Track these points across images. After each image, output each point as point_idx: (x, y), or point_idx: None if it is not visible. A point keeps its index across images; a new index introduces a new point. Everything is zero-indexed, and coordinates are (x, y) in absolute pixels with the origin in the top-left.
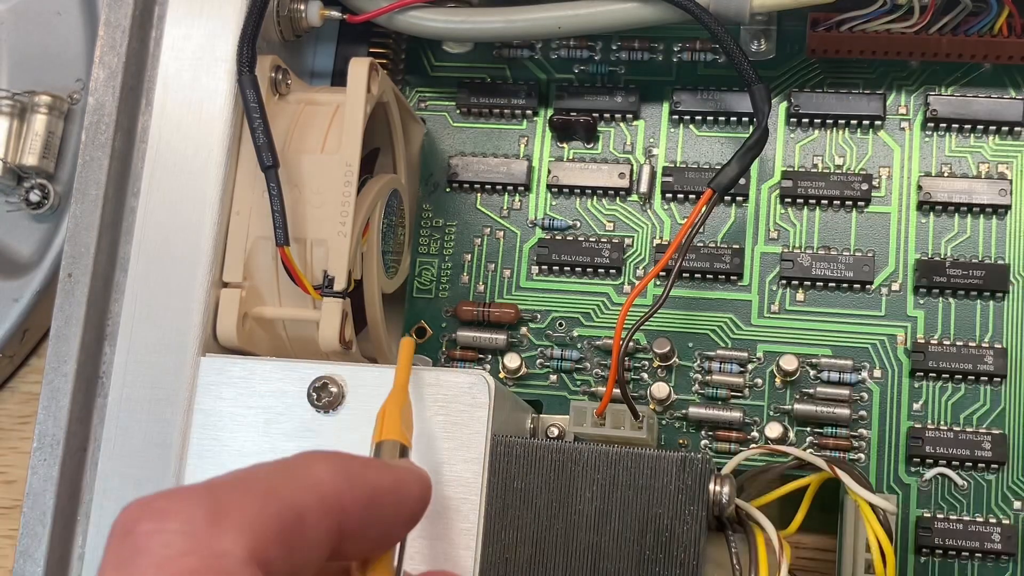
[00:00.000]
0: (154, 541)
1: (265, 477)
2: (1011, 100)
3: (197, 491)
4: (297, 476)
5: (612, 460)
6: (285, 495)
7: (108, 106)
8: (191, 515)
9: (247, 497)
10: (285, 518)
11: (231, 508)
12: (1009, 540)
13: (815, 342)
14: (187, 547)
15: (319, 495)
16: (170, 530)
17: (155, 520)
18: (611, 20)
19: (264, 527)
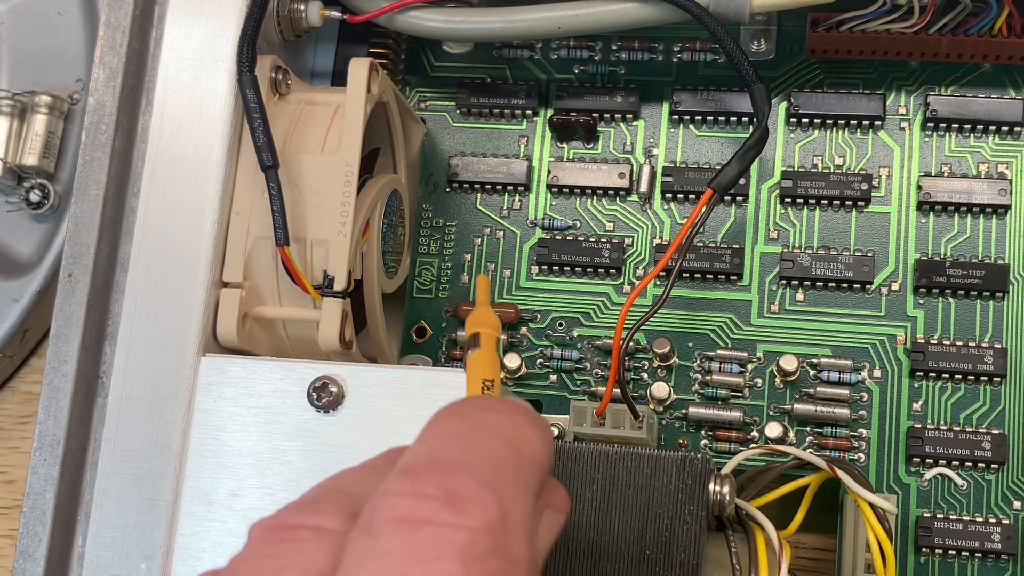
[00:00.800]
0: (457, 535)
1: (510, 461)
2: (1011, 100)
3: (481, 485)
4: (528, 455)
5: (612, 460)
6: (532, 483)
7: (108, 106)
8: (489, 517)
9: (518, 497)
10: (537, 509)
11: (512, 511)
12: (1009, 540)
13: (815, 342)
14: (492, 549)
15: (543, 471)
16: (475, 529)
17: (457, 515)
18: (611, 20)
19: (532, 528)
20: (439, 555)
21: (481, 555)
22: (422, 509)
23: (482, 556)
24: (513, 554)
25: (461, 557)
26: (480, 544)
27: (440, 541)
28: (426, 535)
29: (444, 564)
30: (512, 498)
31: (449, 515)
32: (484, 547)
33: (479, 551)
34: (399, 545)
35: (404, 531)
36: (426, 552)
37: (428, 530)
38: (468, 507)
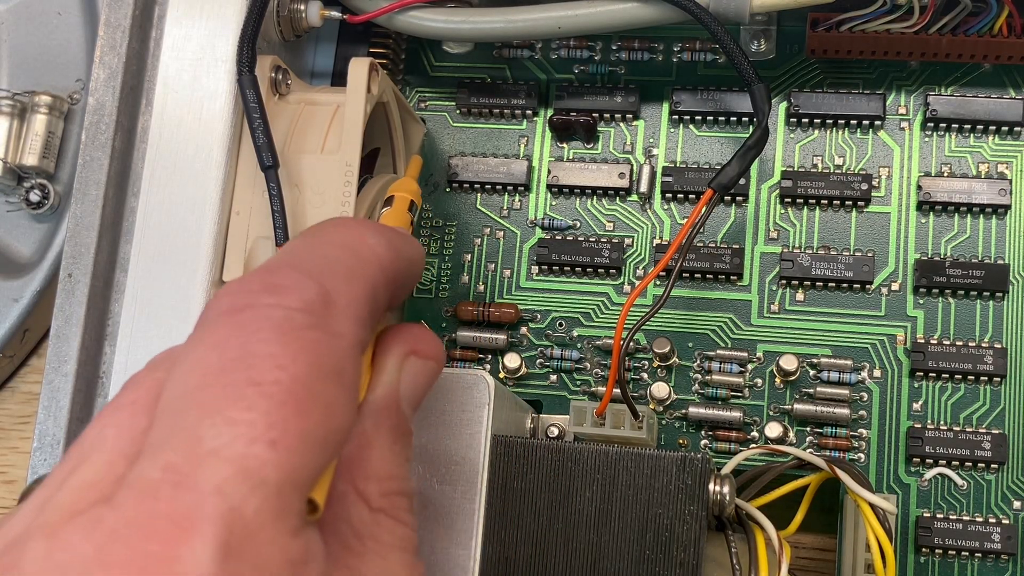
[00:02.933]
0: (275, 313)
1: (344, 261)
2: (1011, 100)
3: (303, 273)
4: (364, 255)
5: (612, 460)
6: (366, 276)
7: (108, 106)
8: (309, 297)
9: (344, 283)
10: (370, 300)
11: (336, 294)
12: (1009, 540)
13: (815, 342)
14: (311, 323)
15: (383, 271)
16: (292, 307)
17: (276, 294)
18: (611, 20)
19: (361, 313)
20: (257, 329)
21: (298, 327)
22: (244, 298)
23: (299, 328)
24: (333, 329)
25: (278, 329)
26: (297, 319)
27: (259, 318)
28: (247, 316)
29: (261, 335)
30: (338, 284)
31: (268, 298)
32: (301, 321)
33: (296, 324)
34: (223, 329)
35: (227, 318)
36: (247, 328)
37: (249, 312)
38: (286, 290)
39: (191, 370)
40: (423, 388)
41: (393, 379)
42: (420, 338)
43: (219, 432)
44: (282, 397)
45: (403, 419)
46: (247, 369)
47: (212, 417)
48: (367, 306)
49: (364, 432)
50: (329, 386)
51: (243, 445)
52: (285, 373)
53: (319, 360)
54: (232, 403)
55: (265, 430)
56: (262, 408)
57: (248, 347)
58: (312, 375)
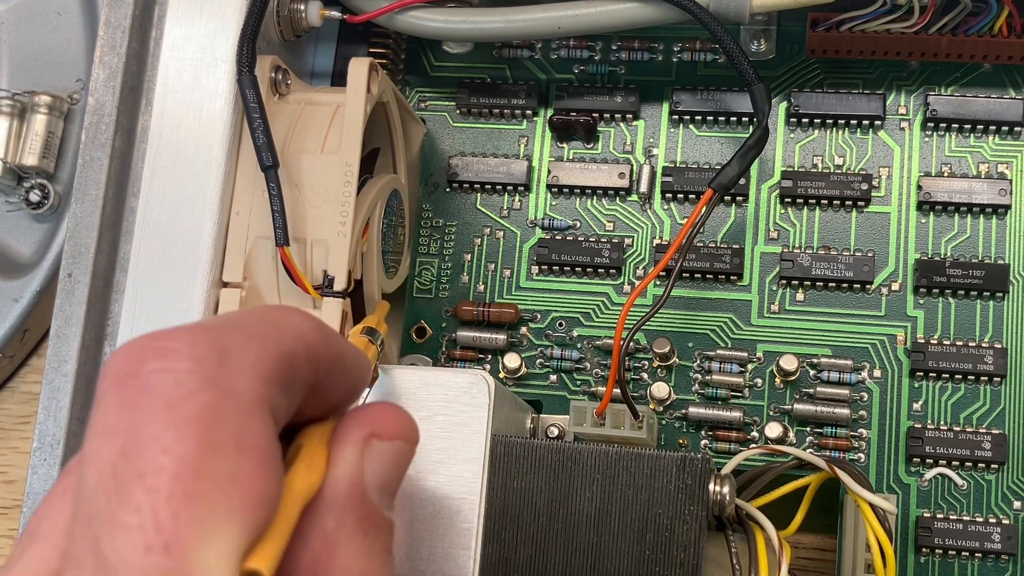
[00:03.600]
0: (163, 379)
1: (256, 323)
2: (1011, 100)
3: (200, 332)
4: (283, 325)
5: (612, 460)
6: (279, 340)
7: (108, 106)
8: (199, 355)
9: (249, 341)
10: (282, 362)
11: (236, 350)
12: (1009, 540)
13: (815, 342)
14: (200, 385)
15: (304, 343)
16: (180, 369)
17: (162, 359)
18: (611, 20)
19: (268, 370)
20: (142, 405)
21: (184, 394)
22: (131, 362)
23: (186, 394)
24: (230, 387)
25: (163, 400)
26: (184, 382)
27: (143, 390)
28: (132, 389)
29: (146, 413)
30: (240, 340)
31: (154, 363)
32: (189, 384)
33: (182, 390)
34: (113, 404)
35: (114, 392)
36: (131, 406)
37: (133, 383)
38: (174, 351)
39: (88, 466)
40: (394, 472)
41: (352, 469)
42: (381, 417)
43: (116, 545)
44: (168, 488)
45: (372, 509)
46: (135, 460)
47: (109, 525)
48: (276, 366)
49: (325, 532)
50: (225, 457)
51: (139, 556)
52: (169, 457)
53: (211, 429)
54: (123, 507)
55: (155, 534)
56: (147, 508)
57: (133, 430)
58: (201, 450)
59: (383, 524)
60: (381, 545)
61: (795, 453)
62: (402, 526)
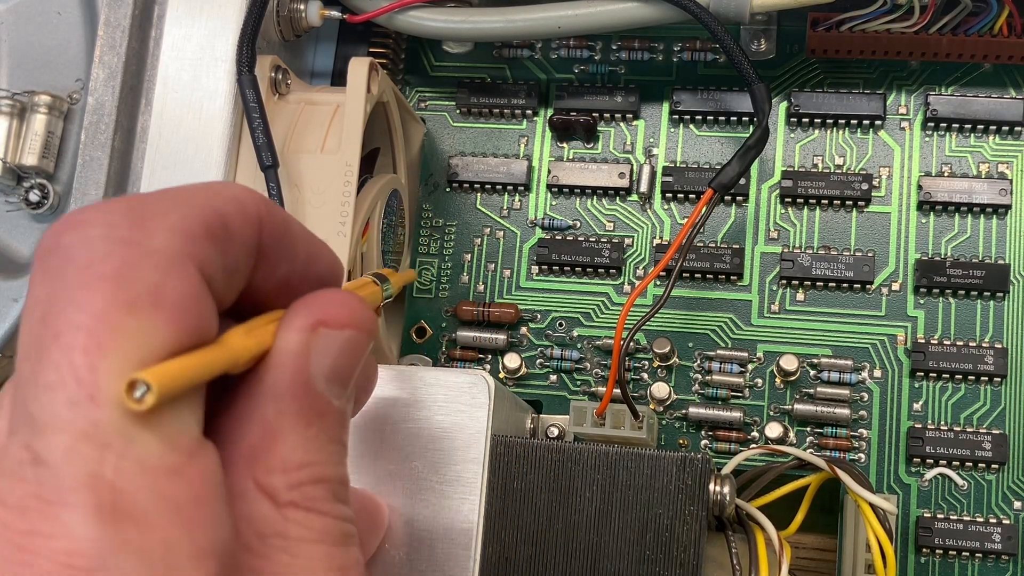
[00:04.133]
0: (77, 248)
1: (185, 188)
2: (1011, 100)
3: (117, 201)
4: (215, 188)
5: (612, 460)
6: (207, 202)
7: (108, 106)
8: (113, 220)
9: (170, 203)
10: (210, 220)
11: (155, 212)
12: (1009, 540)
13: (815, 342)
14: (113, 247)
15: (239, 206)
16: (93, 235)
17: (76, 229)
18: (611, 20)
19: (191, 227)
20: (59, 273)
21: (99, 258)
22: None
23: (100, 258)
24: (146, 246)
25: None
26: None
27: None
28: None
29: (63, 279)
30: (165, 203)
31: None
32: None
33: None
34: (36, 278)
35: (38, 265)
36: (51, 274)
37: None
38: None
39: (20, 337)
40: (346, 361)
41: (295, 356)
42: (331, 304)
43: (42, 403)
44: (83, 343)
45: (317, 398)
46: (51, 323)
47: (32, 387)
48: (201, 224)
49: (265, 420)
50: (140, 312)
51: (65, 409)
52: (83, 314)
53: (122, 285)
54: (42, 367)
55: (76, 387)
56: (65, 363)
57: (52, 297)
58: (114, 305)
59: (330, 412)
60: (328, 435)
61: (795, 453)
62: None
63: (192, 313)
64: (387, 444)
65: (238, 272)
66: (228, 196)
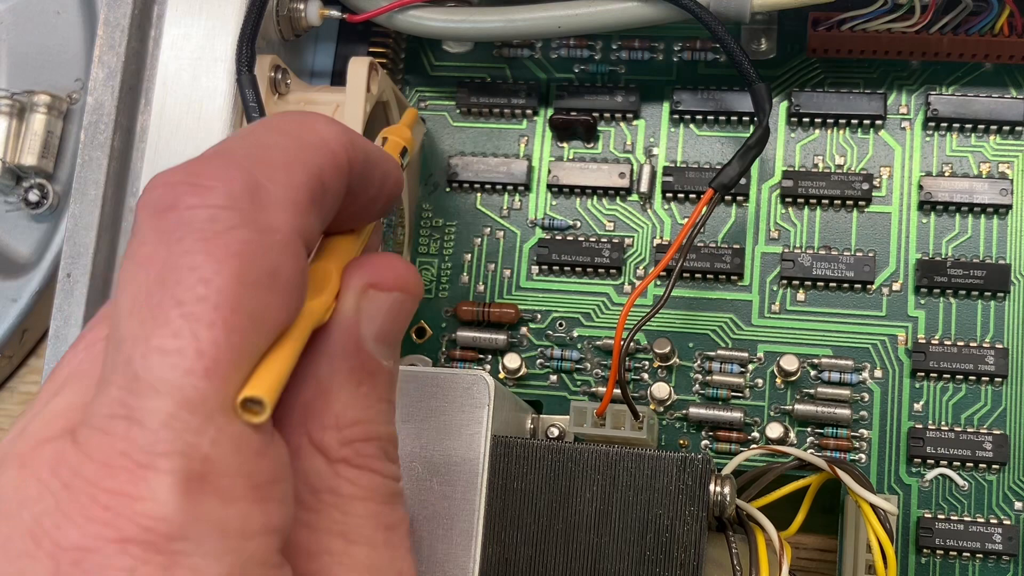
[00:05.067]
0: (201, 215)
1: (281, 146)
2: (1012, 100)
3: (233, 167)
4: (308, 139)
5: (612, 460)
6: (308, 160)
7: (107, 105)
8: (234, 191)
9: (277, 171)
10: (313, 186)
11: (266, 183)
12: (1010, 541)
13: (816, 342)
14: (237, 222)
15: (331, 154)
16: (216, 205)
17: (198, 195)
18: (611, 20)
19: (300, 199)
20: (180, 237)
21: (222, 230)
22: (167, 197)
23: (223, 230)
24: (264, 223)
25: (201, 234)
26: (221, 218)
27: (181, 224)
28: (170, 221)
29: (184, 244)
30: (271, 171)
31: (190, 198)
32: (226, 220)
33: (220, 225)
34: (150, 235)
35: (152, 223)
36: (169, 237)
37: (172, 215)
38: (208, 185)
39: (123, 293)
40: (393, 322)
41: (348, 317)
42: (380, 267)
43: (151, 365)
44: (208, 317)
45: (367, 358)
46: (172, 287)
47: (143, 347)
48: (307, 192)
49: (319, 378)
50: (260, 292)
51: (178, 376)
52: (209, 288)
53: (247, 264)
54: (159, 330)
55: (196, 358)
56: (188, 333)
57: (171, 261)
58: (239, 284)
59: (380, 372)
60: (378, 394)
61: (796, 454)
62: None
63: (299, 293)
64: None
65: (328, 220)
66: (320, 147)
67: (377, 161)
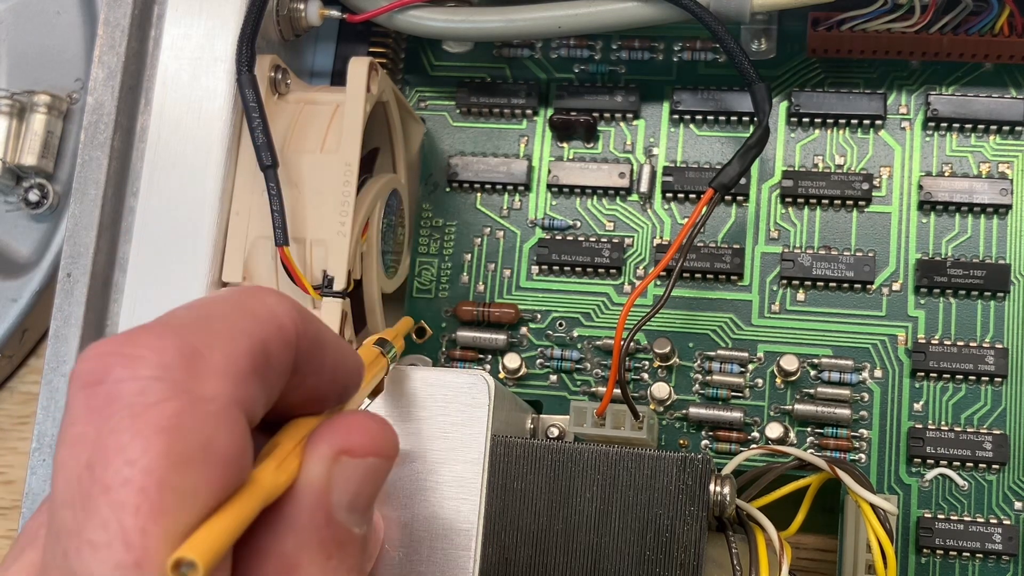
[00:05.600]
0: (129, 388)
1: (225, 315)
2: (1012, 100)
3: (163, 333)
4: (255, 311)
5: (612, 460)
6: (251, 330)
7: (107, 105)
8: (166, 361)
9: (218, 339)
10: (255, 354)
11: (204, 350)
12: (1010, 541)
13: (816, 342)
14: (167, 393)
15: (278, 326)
16: (147, 376)
17: (128, 367)
18: (611, 19)
19: (240, 368)
20: (108, 415)
21: (151, 403)
22: (98, 370)
23: (153, 404)
24: (198, 392)
25: (129, 411)
26: (151, 391)
27: (110, 399)
28: (100, 397)
29: (112, 423)
30: (213, 339)
31: (121, 370)
32: (156, 393)
33: (149, 399)
34: (80, 413)
35: (83, 399)
36: (98, 415)
37: (101, 389)
38: (139, 355)
39: (56, 479)
40: (366, 490)
41: (317, 487)
42: (353, 430)
43: (84, 560)
44: (133, 502)
45: (338, 528)
46: (100, 472)
47: (76, 540)
48: (248, 361)
49: (283, 554)
50: (191, 468)
51: (109, 571)
52: (134, 469)
53: (175, 440)
54: (89, 522)
55: (125, 551)
56: (115, 524)
57: (99, 441)
58: (166, 461)
59: (350, 542)
60: (347, 565)
61: (796, 453)
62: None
63: (238, 466)
64: None
65: (273, 396)
66: (267, 318)
67: (330, 343)
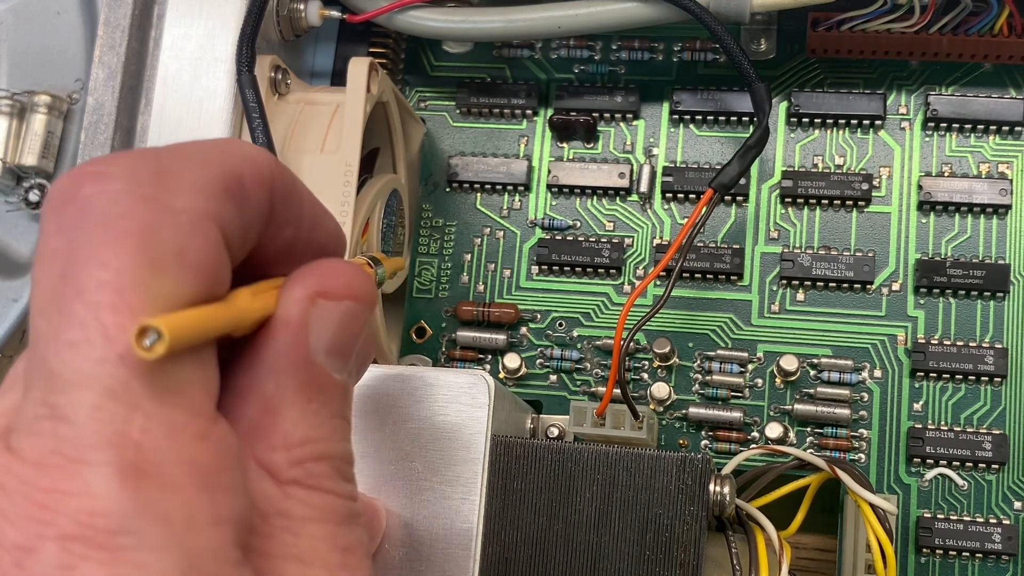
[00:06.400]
0: (98, 201)
1: (201, 145)
2: (1011, 100)
3: (138, 154)
4: (231, 148)
5: (612, 460)
6: (225, 159)
7: (108, 106)
8: (136, 175)
9: (190, 160)
10: (228, 180)
11: (176, 169)
12: (1010, 540)
13: (815, 342)
14: (139, 204)
15: (254, 165)
16: (116, 189)
17: (97, 182)
18: (611, 20)
19: (212, 185)
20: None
21: (122, 212)
22: (68, 188)
23: (124, 213)
24: (169, 204)
25: (100, 219)
26: (121, 201)
27: (82, 212)
28: (71, 211)
29: (83, 234)
30: (181, 161)
31: (90, 185)
32: (126, 204)
33: (120, 208)
34: (52, 228)
35: (55, 215)
36: (70, 227)
37: (72, 205)
38: (110, 172)
39: (33, 294)
40: (345, 334)
41: (294, 329)
42: (329, 274)
43: (64, 359)
44: (110, 301)
45: (318, 372)
46: (73, 279)
47: (53, 344)
48: (221, 182)
49: (265, 394)
50: (166, 272)
51: (92, 366)
52: (108, 271)
53: (148, 243)
54: (64, 323)
55: (106, 345)
56: (93, 321)
57: (71, 252)
58: (141, 264)
59: (332, 387)
60: (330, 410)
61: (795, 453)
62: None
63: (212, 273)
64: (387, 444)
65: (251, 232)
66: (243, 155)
67: (307, 196)
